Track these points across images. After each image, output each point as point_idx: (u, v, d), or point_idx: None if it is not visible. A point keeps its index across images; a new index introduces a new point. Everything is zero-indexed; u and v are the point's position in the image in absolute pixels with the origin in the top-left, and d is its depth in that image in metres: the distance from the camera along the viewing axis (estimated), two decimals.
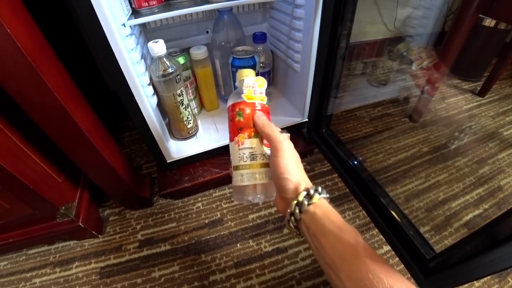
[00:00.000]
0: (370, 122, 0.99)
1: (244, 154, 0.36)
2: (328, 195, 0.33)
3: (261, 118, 0.37)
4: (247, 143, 0.36)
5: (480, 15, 0.77)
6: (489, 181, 0.79)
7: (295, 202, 0.32)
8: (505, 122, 1.00)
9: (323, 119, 0.73)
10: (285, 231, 0.67)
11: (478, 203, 0.74)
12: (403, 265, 0.53)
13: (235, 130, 0.37)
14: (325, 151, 0.71)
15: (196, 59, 0.68)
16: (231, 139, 0.38)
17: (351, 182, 0.63)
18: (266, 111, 0.39)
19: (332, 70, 0.63)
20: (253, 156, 0.36)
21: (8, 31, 0.35)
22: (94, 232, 0.69)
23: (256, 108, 0.37)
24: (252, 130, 0.37)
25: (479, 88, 1.14)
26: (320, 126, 0.74)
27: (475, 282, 0.59)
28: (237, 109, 0.37)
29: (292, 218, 0.33)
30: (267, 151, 0.37)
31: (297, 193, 0.33)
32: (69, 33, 0.75)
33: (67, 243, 0.70)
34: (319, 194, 0.32)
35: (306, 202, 0.31)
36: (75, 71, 0.53)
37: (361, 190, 0.61)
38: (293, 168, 0.34)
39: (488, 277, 0.59)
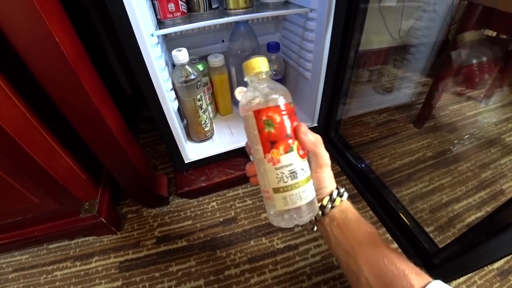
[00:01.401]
0: (376, 127, 1.03)
1: (283, 173, 0.30)
2: (347, 195, 0.36)
3: (309, 137, 0.32)
4: (285, 160, 0.30)
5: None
6: (491, 185, 0.82)
7: (319, 205, 0.35)
8: (507, 128, 1.03)
9: (332, 124, 0.77)
10: (296, 229, 0.71)
11: (481, 205, 0.77)
12: None
13: (266, 145, 0.30)
14: (334, 154, 0.75)
15: (214, 66, 0.72)
16: (263, 155, 0.31)
17: (359, 184, 0.67)
18: (293, 111, 0.33)
19: (342, 78, 0.67)
20: (294, 174, 0.30)
21: (57, 40, 0.40)
22: (113, 229, 0.72)
23: (283, 113, 0.31)
24: (287, 143, 0.30)
25: (482, 96, 1.18)
26: (329, 131, 0.78)
27: (477, 280, 0.62)
28: (264, 118, 0.30)
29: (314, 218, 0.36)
30: (306, 163, 0.32)
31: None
32: (88, 39, 0.80)
33: (87, 238, 0.73)
34: (341, 197, 0.35)
35: (329, 206, 0.34)
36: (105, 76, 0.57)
37: (369, 191, 0.64)
38: (330, 178, 0.35)
39: (490, 275, 0.62)
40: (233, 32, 0.72)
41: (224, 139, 0.76)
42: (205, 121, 0.70)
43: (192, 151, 0.72)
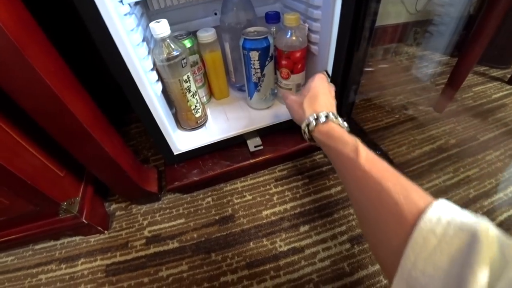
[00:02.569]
0: (392, 111, 0.92)
1: None
2: (347, 126, 0.42)
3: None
4: None
5: None
6: None
7: (315, 115, 0.42)
8: None
9: (344, 108, 0.66)
10: (302, 229, 0.62)
11: None
12: None
13: None
14: None
15: (204, 42, 0.62)
16: None
17: None
18: None
19: (355, 53, 0.56)
20: None
21: None
22: (99, 228, 0.66)
23: None
24: None
25: (508, 76, 1.05)
26: (340, 115, 0.67)
27: None
28: None
29: (307, 129, 0.42)
30: None
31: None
32: (69, 24, 0.70)
33: (73, 238, 0.67)
34: (337, 118, 0.42)
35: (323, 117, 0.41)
36: (77, 61, 0.48)
37: None
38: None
39: None
40: (225, 2, 0.61)
41: (220, 126, 0.67)
42: (196, 106, 0.61)
43: (182, 141, 0.64)
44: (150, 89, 0.50)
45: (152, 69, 0.51)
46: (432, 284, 0.20)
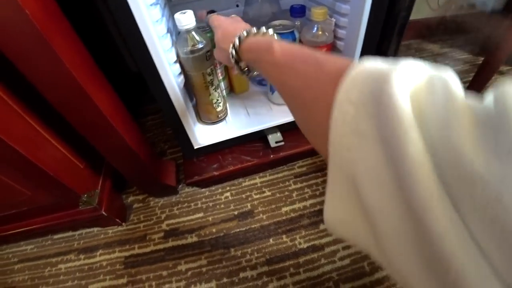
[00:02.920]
0: None
1: None
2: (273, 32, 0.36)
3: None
4: None
5: None
6: None
7: (238, 35, 0.35)
8: None
9: None
10: (322, 227, 0.62)
11: None
12: None
13: None
14: None
15: None
16: None
17: None
18: None
19: (385, 51, 0.55)
20: None
21: None
22: (117, 220, 0.66)
23: None
24: None
25: None
26: None
27: None
28: None
29: (234, 51, 0.36)
30: None
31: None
32: (87, 12, 0.69)
33: (91, 229, 0.68)
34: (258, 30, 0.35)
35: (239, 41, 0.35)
36: (95, 53, 0.48)
37: None
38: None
39: None
40: None
41: (240, 121, 0.66)
42: (217, 100, 0.60)
43: (202, 135, 0.63)
44: (174, 81, 0.49)
45: (175, 62, 0.50)
46: (364, 163, 0.16)
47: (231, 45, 0.36)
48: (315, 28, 0.56)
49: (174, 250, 0.61)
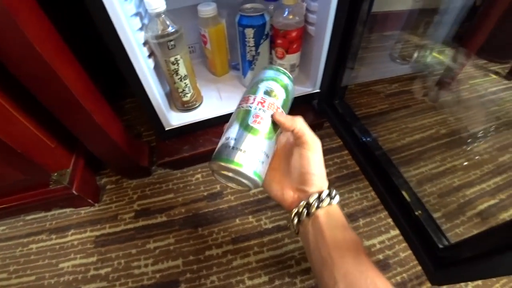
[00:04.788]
0: (386, 98, 0.92)
1: None
2: (339, 199, 0.30)
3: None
4: None
5: None
6: (508, 170, 0.73)
7: (305, 203, 0.30)
8: None
9: (337, 90, 0.67)
10: None
11: (495, 192, 0.69)
12: (410, 251, 0.50)
13: None
14: (336, 124, 0.65)
15: (206, 17, 0.61)
16: None
17: (362, 160, 0.58)
18: None
19: (351, 36, 0.56)
20: None
21: None
22: (90, 201, 0.67)
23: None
24: None
25: (507, 71, 1.05)
26: (333, 97, 0.68)
27: None
28: None
29: (297, 217, 0.30)
30: None
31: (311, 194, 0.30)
32: None
33: (64, 210, 0.68)
34: (331, 199, 0.30)
35: (316, 205, 0.29)
36: (73, 34, 0.47)
37: (373, 169, 0.56)
38: (319, 168, 0.31)
39: None
40: None
41: (212, 104, 0.67)
42: (183, 90, 0.60)
43: (174, 117, 0.64)
44: (143, 63, 0.49)
45: (144, 44, 0.50)
46: None
47: (304, 203, 0.30)
48: (286, 12, 0.57)
49: (144, 229, 0.63)
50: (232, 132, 0.31)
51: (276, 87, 0.34)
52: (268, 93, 0.33)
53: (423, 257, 0.46)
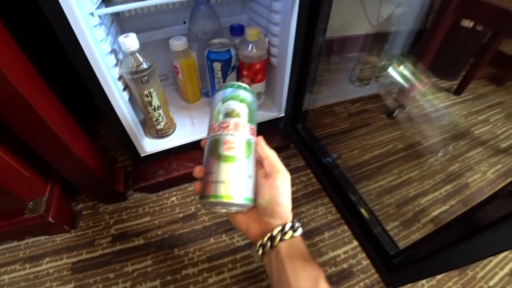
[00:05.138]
0: (348, 117, 1.01)
1: None
2: (301, 231, 0.33)
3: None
4: None
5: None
6: (457, 178, 0.82)
7: (269, 235, 0.31)
8: (477, 121, 1.03)
9: (299, 114, 0.73)
10: None
11: (446, 199, 0.77)
12: (369, 261, 0.55)
13: None
14: (300, 147, 0.71)
15: (178, 50, 0.65)
16: None
17: (323, 179, 0.64)
18: None
19: (308, 65, 0.63)
20: None
21: None
22: (66, 227, 0.67)
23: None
24: None
25: (455, 87, 1.17)
26: (296, 121, 0.74)
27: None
28: None
29: (261, 249, 0.32)
30: None
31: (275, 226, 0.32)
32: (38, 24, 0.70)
33: (38, 238, 0.68)
34: (294, 231, 0.31)
35: (279, 237, 0.31)
36: (44, 58, 0.50)
37: (333, 187, 0.62)
38: (286, 199, 0.32)
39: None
40: (193, 12, 0.65)
41: (184, 130, 0.71)
42: (157, 119, 0.64)
43: (148, 144, 0.67)
44: (118, 96, 0.53)
45: (119, 78, 0.54)
46: None
47: (268, 236, 0.31)
48: (250, 47, 0.63)
49: (121, 253, 0.64)
50: (210, 166, 0.30)
51: (236, 105, 0.33)
52: (229, 114, 0.32)
53: (378, 264, 0.52)
